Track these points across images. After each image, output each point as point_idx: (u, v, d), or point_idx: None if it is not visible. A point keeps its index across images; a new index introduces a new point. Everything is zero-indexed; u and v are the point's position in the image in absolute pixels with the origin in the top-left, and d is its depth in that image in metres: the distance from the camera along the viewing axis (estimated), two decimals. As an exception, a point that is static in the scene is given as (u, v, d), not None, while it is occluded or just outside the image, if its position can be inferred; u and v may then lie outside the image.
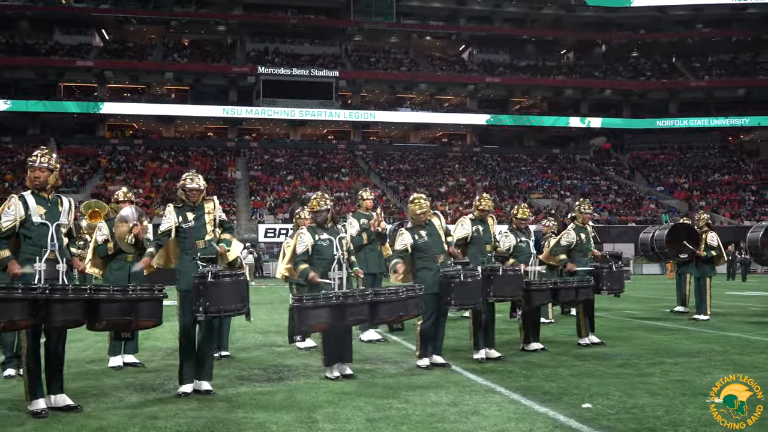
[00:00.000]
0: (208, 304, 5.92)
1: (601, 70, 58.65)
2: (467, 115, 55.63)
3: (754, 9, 56.02)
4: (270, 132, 56.68)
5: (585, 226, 9.31)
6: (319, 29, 56.30)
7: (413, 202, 7.68)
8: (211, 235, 6.41)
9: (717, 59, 58.82)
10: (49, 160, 5.72)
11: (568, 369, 7.21)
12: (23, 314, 5.05)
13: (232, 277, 6.06)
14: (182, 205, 6.43)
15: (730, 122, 55.94)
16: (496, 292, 7.69)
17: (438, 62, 57.95)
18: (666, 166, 55.00)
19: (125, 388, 6.48)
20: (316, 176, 47.99)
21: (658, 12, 57.73)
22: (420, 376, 6.89)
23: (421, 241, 7.52)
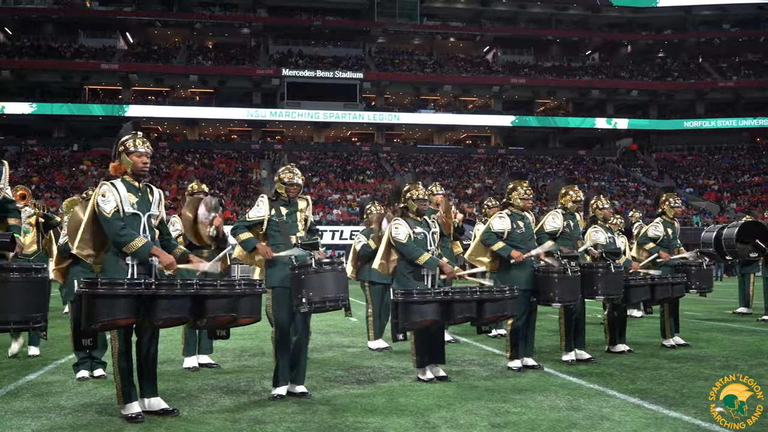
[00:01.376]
0: (311, 294, 5.58)
1: (627, 71, 57.99)
2: (492, 117, 55.17)
3: (783, 8, 55.32)
4: (294, 134, 56.51)
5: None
6: (342, 31, 56.11)
7: (515, 187, 7.29)
8: (301, 233, 6.09)
9: (745, 59, 58.03)
10: (148, 145, 5.42)
11: (669, 371, 6.85)
12: (126, 312, 4.75)
13: (333, 266, 5.73)
14: (276, 199, 6.14)
15: (759, 123, 55.07)
16: (605, 289, 7.33)
17: (462, 63, 57.52)
18: (694, 167, 54.28)
19: (212, 390, 6.18)
20: (341, 178, 47.74)
21: (683, 12, 57.11)
22: (517, 379, 6.56)
23: (518, 231, 7.15)
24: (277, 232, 6.02)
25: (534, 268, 7.08)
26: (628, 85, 56.33)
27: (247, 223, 6.05)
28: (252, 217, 6.06)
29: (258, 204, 6.11)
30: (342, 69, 52.49)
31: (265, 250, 5.87)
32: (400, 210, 6.81)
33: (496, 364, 7.43)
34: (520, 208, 7.26)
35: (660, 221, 8.89)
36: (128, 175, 5.33)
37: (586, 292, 7.33)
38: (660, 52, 61.03)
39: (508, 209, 7.31)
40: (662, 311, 8.78)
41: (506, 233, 7.12)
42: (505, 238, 7.11)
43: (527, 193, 7.27)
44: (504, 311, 6.48)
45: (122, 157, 5.33)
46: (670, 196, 9.05)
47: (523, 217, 7.24)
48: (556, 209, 7.82)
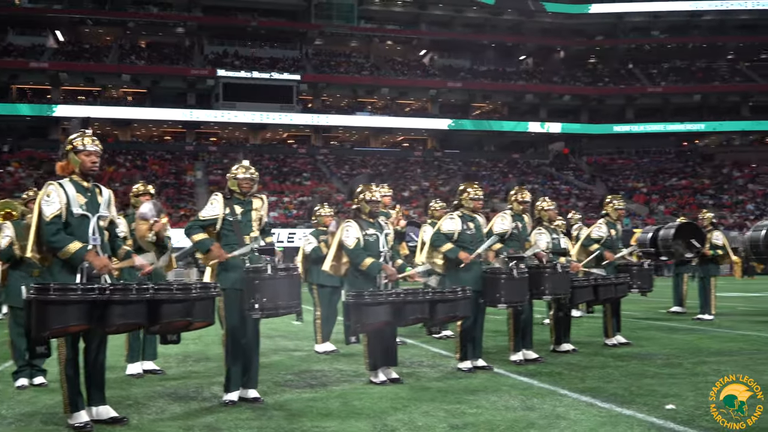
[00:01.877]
0: (265, 300, 5.46)
1: (560, 76, 59.22)
2: (429, 120, 55.56)
3: (710, 16, 57.40)
4: (229, 136, 55.79)
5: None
6: (279, 32, 55.76)
7: (467, 189, 7.30)
8: (256, 233, 5.94)
9: (673, 66, 59.88)
10: (98, 143, 5.22)
11: (615, 370, 6.97)
12: (79, 318, 4.55)
13: (288, 272, 5.63)
14: (230, 197, 5.96)
15: (686, 128, 56.96)
16: (552, 289, 7.42)
17: (399, 67, 57.79)
18: (624, 170, 55.67)
19: (159, 398, 6.01)
20: (277, 180, 47.35)
21: (615, 19, 58.64)
22: (469, 380, 6.58)
23: (468, 233, 7.15)
24: (230, 232, 5.86)
25: (482, 270, 7.12)
26: (561, 90, 57.52)
27: (201, 223, 5.88)
28: (205, 216, 5.89)
29: (211, 202, 5.95)
30: (279, 70, 52.11)
31: (219, 253, 5.71)
32: (353, 211, 6.77)
33: (446, 366, 7.45)
34: (471, 209, 7.27)
35: (603, 222, 9.06)
36: (76, 174, 5.12)
37: (534, 293, 7.41)
38: (592, 58, 62.52)
39: (459, 211, 7.31)
40: (605, 311, 8.95)
41: (456, 234, 7.12)
42: (455, 239, 7.11)
43: (477, 194, 7.28)
44: (456, 312, 6.50)
45: (70, 156, 5.12)
46: (614, 198, 9.23)
47: (473, 218, 7.27)
48: (504, 211, 7.86)
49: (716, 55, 59.96)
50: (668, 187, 51.65)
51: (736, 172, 53.24)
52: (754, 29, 58.06)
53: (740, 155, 55.84)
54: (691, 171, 54.31)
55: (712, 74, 58.65)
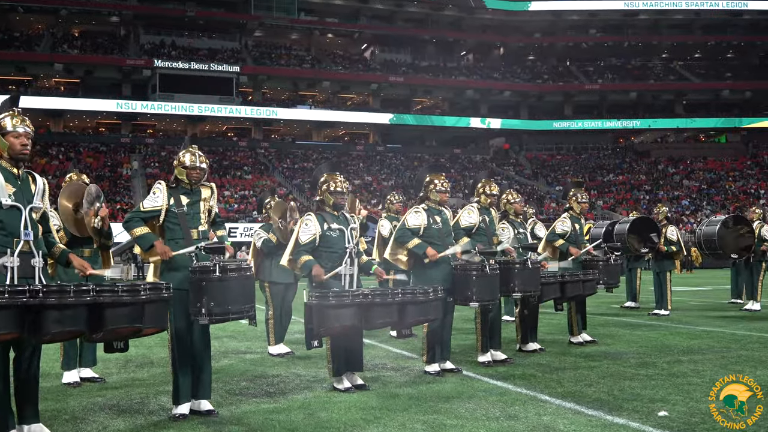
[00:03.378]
0: (213, 304, 4.90)
1: (500, 72, 59.53)
2: (371, 114, 55.19)
3: (645, 16, 58.44)
4: (167, 128, 54.37)
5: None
6: (218, 23, 54.51)
7: (432, 180, 6.89)
8: (204, 226, 5.39)
9: (609, 63, 60.87)
10: (28, 124, 4.56)
11: (590, 371, 6.64)
12: (8, 326, 3.92)
13: (239, 272, 5.06)
14: (176, 186, 5.38)
15: (622, 124, 57.95)
16: (522, 286, 7.05)
17: (340, 60, 57.22)
18: (563, 166, 56.31)
19: (100, 410, 5.39)
20: (217, 174, 46.28)
21: (553, 17, 59.18)
22: (440, 384, 6.15)
23: (435, 227, 6.72)
24: (176, 225, 5.28)
25: (451, 267, 6.72)
26: (501, 86, 57.86)
27: (142, 215, 5.28)
28: (147, 207, 5.29)
29: (154, 191, 5.35)
30: (218, 62, 50.99)
31: (164, 249, 5.13)
32: (315, 204, 6.27)
33: (411, 368, 7.03)
34: (437, 202, 6.85)
35: (567, 216, 8.78)
36: (4, 159, 4.47)
37: (503, 290, 7.04)
38: (531, 55, 63.01)
39: (425, 204, 6.89)
40: (569, 308, 8.66)
41: (422, 229, 6.71)
42: (421, 234, 6.69)
43: (444, 186, 6.87)
44: (427, 315, 6.06)
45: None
46: (578, 192, 8.93)
47: (440, 211, 6.85)
48: (471, 204, 7.48)
49: (651, 53, 61.19)
50: (605, 183, 52.42)
51: (671, 168, 54.40)
52: (688, 29, 59.49)
53: (675, 152, 57.16)
54: (627, 167, 55.26)
55: (648, 72, 59.83)
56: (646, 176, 53.38)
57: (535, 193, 49.88)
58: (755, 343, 8.42)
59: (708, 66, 60.30)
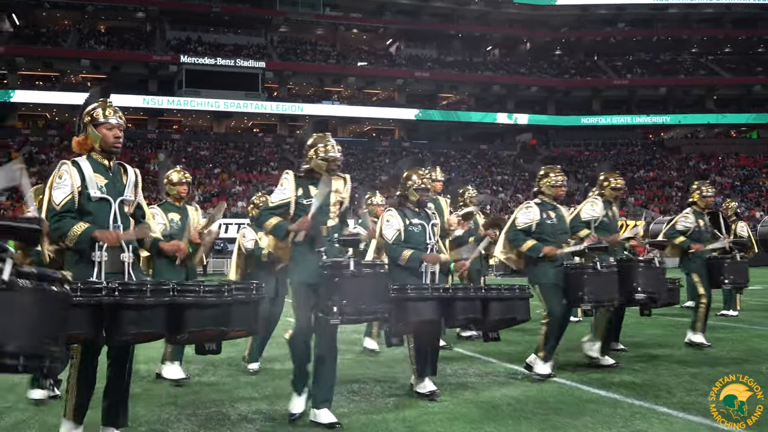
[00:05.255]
0: (345, 302, 4.62)
1: (527, 67, 58.98)
2: (396, 110, 54.87)
3: (675, 9, 57.55)
4: (193, 123, 54.42)
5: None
6: (243, 18, 54.32)
7: (548, 174, 6.51)
8: (334, 221, 5.04)
9: (638, 58, 60.09)
10: (121, 115, 4.38)
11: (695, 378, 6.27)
12: (81, 325, 3.66)
13: (375, 269, 4.80)
14: (304, 176, 5.05)
15: (651, 120, 57.23)
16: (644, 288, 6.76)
17: (366, 55, 56.97)
18: (591, 162, 55.62)
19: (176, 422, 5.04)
20: (244, 170, 46.28)
21: (581, 11, 58.44)
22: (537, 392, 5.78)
23: (549, 222, 6.39)
24: None
25: (565, 266, 6.41)
26: (528, 81, 57.30)
27: (272, 210, 4.97)
28: (275, 200, 4.98)
29: (282, 183, 5.02)
30: (243, 57, 50.89)
31: (303, 221, 4.78)
32: (397, 199, 5.95)
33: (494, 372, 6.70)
34: (552, 196, 6.51)
35: (691, 212, 8.31)
36: (96, 151, 4.28)
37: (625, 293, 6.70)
38: (558, 50, 62.38)
39: (538, 198, 6.59)
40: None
41: (534, 225, 6.41)
42: (533, 231, 6.41)
43: (560, 180, 6.49)
44: (513, 313, 5.75)
45: (88, 130, 4.28)
46: (702, 185, 8.41)
47: (554, 207, 6.52)
48: (594, 196, 7.13)
49: (681, 48, 60.37)
50: (636, 179, 51.73)
51: (702, 164, 53.59)
52: (718, 23, 58.58)
53: (705, 148, 56.34)
54: (658, 163, 54.54)
55: (677, 67, 58.96)
56: (677, 172, 52.63)
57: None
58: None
59: (739, 60, 59.31)
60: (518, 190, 46.70)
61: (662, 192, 48.89)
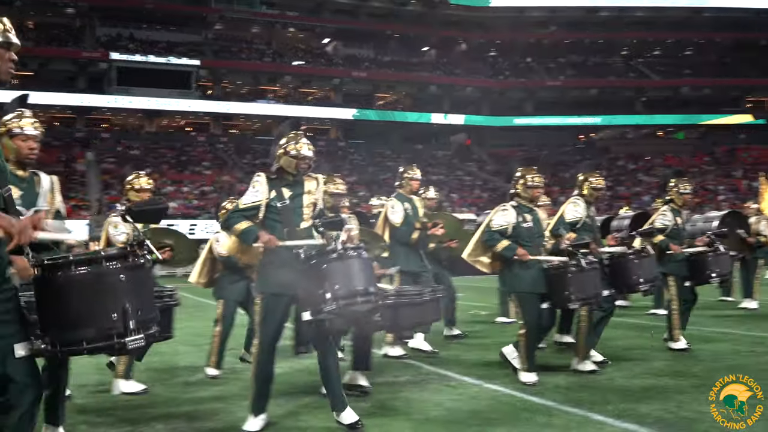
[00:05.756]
0: (338, 286, 4.56)
1: (463, 68, 59.52)
2: (334, 109, 54.76)
3: (606, 12, 58.78)
4: (123, 122, 53.32)
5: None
6: (177, 15, 53.36)
7: (524, 176, 6.50)
8: (308, 222, 4.94)
9: (571, 60, 61.20)
10: (38, 126, 4.38)
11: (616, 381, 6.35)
12: None
13: (359, 251, 4.74)
14: (276, 178, 4.98)
15: (582, 121, 58.38)
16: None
17: (302, 54, 56.68)
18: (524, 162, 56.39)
19: None
20: (176, 169, 45.57)
21: (515, 13, 59.14)
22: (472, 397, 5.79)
23: (525, 225, 6.36)
24: (276, 222, 4.86)
25: (543, 267, 6.41)
26: (463, 82, 57.87)
27: (242, 212, 4.88)
28: (246, 202, 4.89)
29: (253, 185, 4.93)
30: (176, 55, 50.12)
31: (269, 238, 4.71)
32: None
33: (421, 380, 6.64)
34: (529, 198, 6.54)
35: (668, 209, 8.10)
36: (11, 162, 4.22)
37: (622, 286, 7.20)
38: (492, 51, 63.08)
39: (514, 200, 6.65)
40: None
41: (510, 228, 6.45)
42: (509, 234, 6.44)
43: (537, 181, 6.47)
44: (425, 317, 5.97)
45: (3, 141, 4.29)
46: (680, 182, 8.23)
47: (531, 209, 6.57)
48: (576, 197, 7.16)
49: (611, 50, 61.70)
50: (567, 179, 52.64)
51: (631, 164, 54.88)
52: (648, 26, 60.03)
53: (634, 148, 57.71)
54: (588, 163, 55.48)
55: (608, 69, 60.27)
56: (607, 172, 53.74)
57: (497, 189, 49.93)
58: None
59: (667, 63, 60.95)
60: (453, 189, 47.06)
61: (593, 191, 49.85)
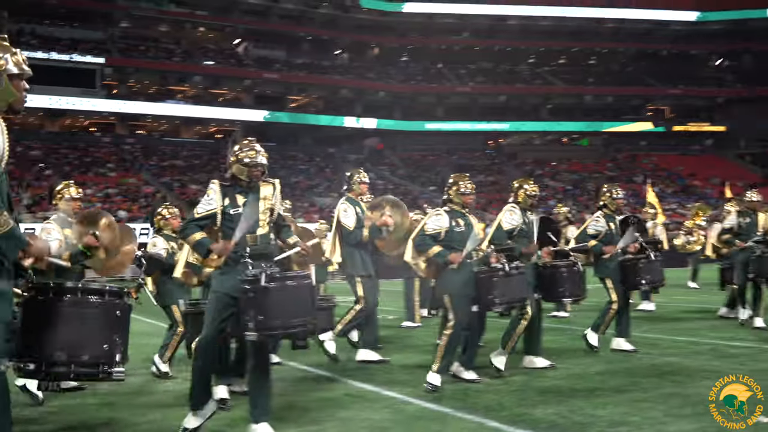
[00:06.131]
0: (261, 318, 4.47)
1: (375, 72, 59.83)
2: (244, 111, 54.04)
3: (514, 21, 60.29)
4: (23, 122, 51.00)
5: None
6: (82, 11, 51.60)
7: (457, 183, 6.67)
8: (265, 228, 4.92)
9: (480, 67, 62.35)
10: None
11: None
12: None
13: (296, 281, 4.66)
14: (230, 185, 4.96)
15: (491, 126, 59.63)
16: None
17: (212, 54, 55.75)
18: (435, 167, 57.22)
19: None
20: (79, 171, 44.00)
21: (427, 19, 60.03)
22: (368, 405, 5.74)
23: (458, 230, 6.46)
24: (230, 230, 4.80)
25: (473, 271, 6.62)
26: (376, 86, 58.19)
27: (197, 221, 4.88)
28: (201, 212, 4.89)
29: (208, 193, 4.93)
30: (80, 52, 48.45)
31: (223, 245, 4.72)
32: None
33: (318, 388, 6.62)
34: (461, 204, 6.69)
35: (602, 215, 8.24)
36: None
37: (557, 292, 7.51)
38: (404, 56, 63.65)
39: (447, 206, 6.74)
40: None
41: (443, 233, 6.58)
42: (442, 238, 6.55)
43: (470, 188, 6.68)
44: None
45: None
46: (612, 188, 8.38)
47: (463, 215, 6.71)
48: (511, 205, 7.34)
49: (519, 58, 63.23)
50: (477, 184, 53.34)
51: (538, 170, 56.30)
52: (554, 35, 61.81)
53: (540, 154, 59.34)
54: (497, 168, 56.78)
55: (516, 76, 61.76)
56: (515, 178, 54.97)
57: (409, 193, 50.36)
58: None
59: (572, 71, 62.94)
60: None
61: (500, 196, 50.89)
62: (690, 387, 5.86)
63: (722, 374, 4.87)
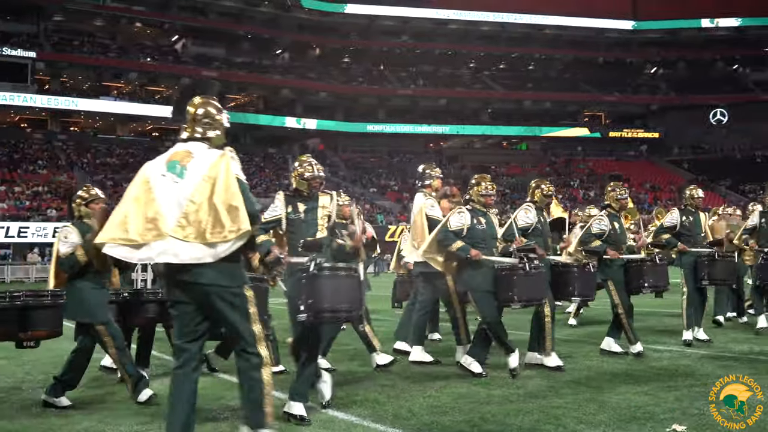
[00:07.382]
0: (311, 301, 4.98)
1: (316, 72, 59.42)
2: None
3: (455, 25, 60.75)
4: (-51, 117, 49.20)
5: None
6: (12, 4, 49.82)
7: (480, 183, 6.98)
8: (323, 233, 5.66)
9: (421, 70, 62.52)
10: None
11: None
12: None
13: (345, 272, 5.18)
14: (293, 195, 5.72)
15: (432, 129, 59.85)
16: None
17: (149, 51, 54.48)
18: (377, 168, 57.13)
19: None
20: (7, 168, 42.49)
21: (369, 20, 59.95)
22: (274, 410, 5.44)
23: (479, 228, 6.81)
24: (292, 233, 5.59)
25: (494, 268, 6.82)
26: (317, 86, 57.84)
27: (263, 225, 5.40)
28: (267, 217, 5.58)
29: (274, 201, 5.70)
30: (11, 46, 46.75)
31: (278, 252, 5.06)
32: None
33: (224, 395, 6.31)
34: (483, 203, 7.01)
35: (605, 215, 8.03)
36: None
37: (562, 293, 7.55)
38: (346, 57, 63.41)
39: (470, 204, 7.09)
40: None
41: (465, 230, 6.90)
42: (464, 236, 6.88)
43: (490, 189, 6.97)
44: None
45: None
46: (617, 186, 8.19)
47: (485, 213, 7.03)
48: (528, 203, 7.46)
49: (460, 62, 63.68)
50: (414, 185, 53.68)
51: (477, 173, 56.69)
52: (494, 40, 62.44)
53: (480, 157, 59.84)
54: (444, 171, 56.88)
55: (456, 80, 62.17)
56: (455, 180, 55.23)
57: (350, 194, 50.06)
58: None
59: (512, 77, 63.64)
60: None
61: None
62: (607, 394, 5.72)
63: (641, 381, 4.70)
